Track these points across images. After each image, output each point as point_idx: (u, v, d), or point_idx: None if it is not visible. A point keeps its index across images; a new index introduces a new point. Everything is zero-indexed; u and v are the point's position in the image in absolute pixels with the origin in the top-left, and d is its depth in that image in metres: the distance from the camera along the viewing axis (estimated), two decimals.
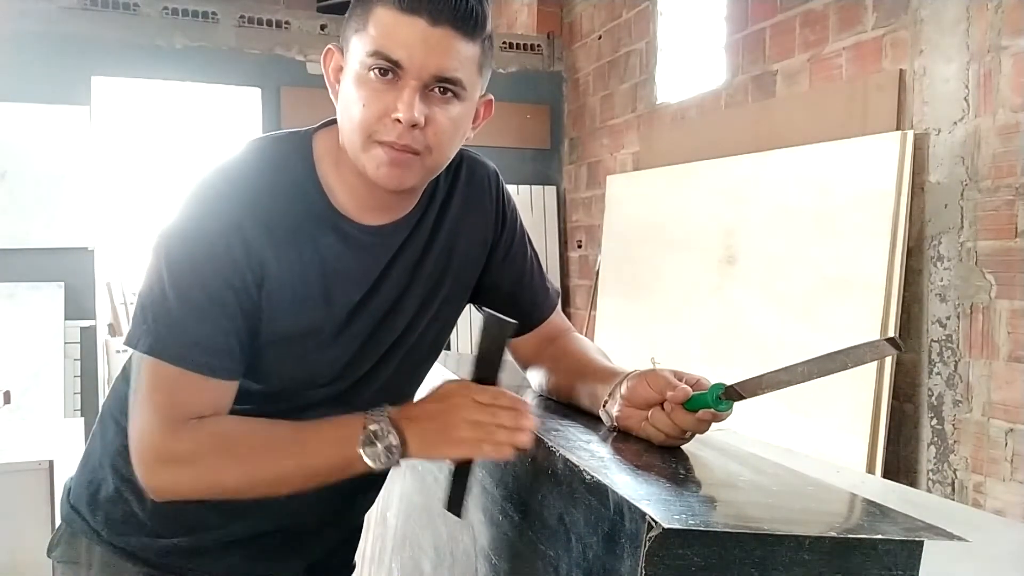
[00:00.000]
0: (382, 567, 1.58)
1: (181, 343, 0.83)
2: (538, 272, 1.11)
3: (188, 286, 0.83)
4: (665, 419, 0.81)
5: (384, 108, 0.82)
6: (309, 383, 0.94)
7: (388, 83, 0.82)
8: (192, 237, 0.84)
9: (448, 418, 0.80)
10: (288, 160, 0.90)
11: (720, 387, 0.79)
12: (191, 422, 0.84)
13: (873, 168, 2.64)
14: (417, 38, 0.80)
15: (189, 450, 0.84)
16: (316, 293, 0.90)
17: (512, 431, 0.79)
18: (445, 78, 0.82)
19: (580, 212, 4.97)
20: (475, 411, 0.80)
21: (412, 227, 0.96)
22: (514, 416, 0.80)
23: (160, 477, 0.85)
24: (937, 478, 2.54)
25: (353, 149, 0.86)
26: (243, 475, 0.85)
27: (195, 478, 0.85)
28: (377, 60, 0.81)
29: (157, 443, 0.84)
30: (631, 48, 4.36)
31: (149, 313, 0.84)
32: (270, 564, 1.04)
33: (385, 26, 0.81)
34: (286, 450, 0.84)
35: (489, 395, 0.81)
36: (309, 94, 4.49)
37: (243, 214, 0.85)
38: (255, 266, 0.85)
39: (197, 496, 0.87)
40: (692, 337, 3.48)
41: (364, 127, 0.83)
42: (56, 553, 1.03)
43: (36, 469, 2.09)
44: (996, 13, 2.35)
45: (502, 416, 0.80)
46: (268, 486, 0.86)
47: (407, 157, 0.84)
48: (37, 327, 3.98)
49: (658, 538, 0.56)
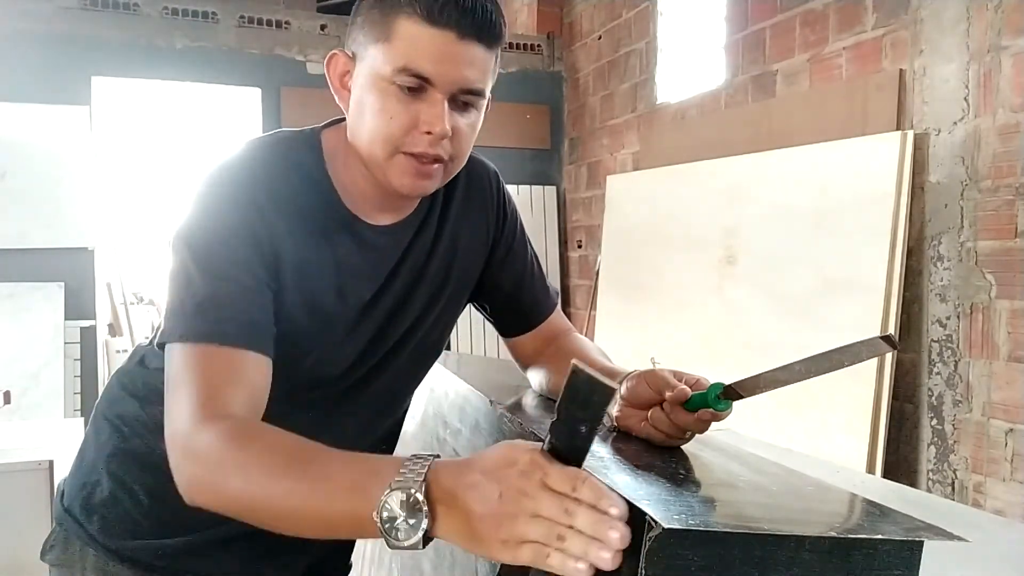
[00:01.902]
0: (382, 567, 1.58)
1: (218, 320, 0.79)
2: (538, 272, 1.11)
3: (216, 268, 0.81)
4: (665, 419, 0.81)
5: (411, 120, 0.82)
6: (314, 380, 0.94)
7: (414, 94, 0.82)
8: (213, 225, 0.83)
9: (506, 506, 0.58)
10: (301, 156, 0.90)
11: (719, 387, 0.79)
12: (221, 417, 0.75)
13: (873, 168, 2.64)
14: (446, 52, 0.80)
15: (207, 444, 0.73)
16: (330, 288, 0.90)
17: (591, 541, 0.55)
18: (470, 90, 0.83)
19: (580, 212, 4.97)
20: (546, 502, 0.57)
21: (417, 227, 0.97)
22: (597, 521, 0.56)
23: (186, 473, 0.75)
24: (937, 478, 2.54)
25: (374, 158, 0.85)
26: (244, 489, 0.71)
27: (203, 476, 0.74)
28: (406, 77, 0.81)
29: (185, 432, 0.75)
30: (631, 48, 4.36)
31: (178, 302, 0.81)
32: (267, 565, 1.03)
33: (412, 39, 0.80)
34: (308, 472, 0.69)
35: (569, 481, 0.57)
36: (309, 94, 4.50)
37: (261, 198, 0.84)
38: (275, 250, 0.85)
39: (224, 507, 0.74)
40: (692, 337, 3.48)
41: (390, 140, 0.83)
42: (50, 556, 1.02)
43: (36, 469, 2.09)
44: (996, 13, 2.35)
45: (581, 517, 0.56)
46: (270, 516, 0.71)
47: (434, 168, 0.85)
48: (37, 327, 3.98)
49: (658, 538, 0.56)
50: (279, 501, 0.69)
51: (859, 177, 2.68)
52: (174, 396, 0.78)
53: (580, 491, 0.56)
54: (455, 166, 0.88)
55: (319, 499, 0.67)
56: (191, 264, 0.82)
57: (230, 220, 0.83)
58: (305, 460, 0.69)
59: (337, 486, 0.66)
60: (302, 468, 0.69)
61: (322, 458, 0.69)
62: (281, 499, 0.68)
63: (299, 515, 0.69)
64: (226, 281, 0.81)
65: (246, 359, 0.80)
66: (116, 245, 4.39)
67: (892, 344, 0.69)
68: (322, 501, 0.67)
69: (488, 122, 0.97)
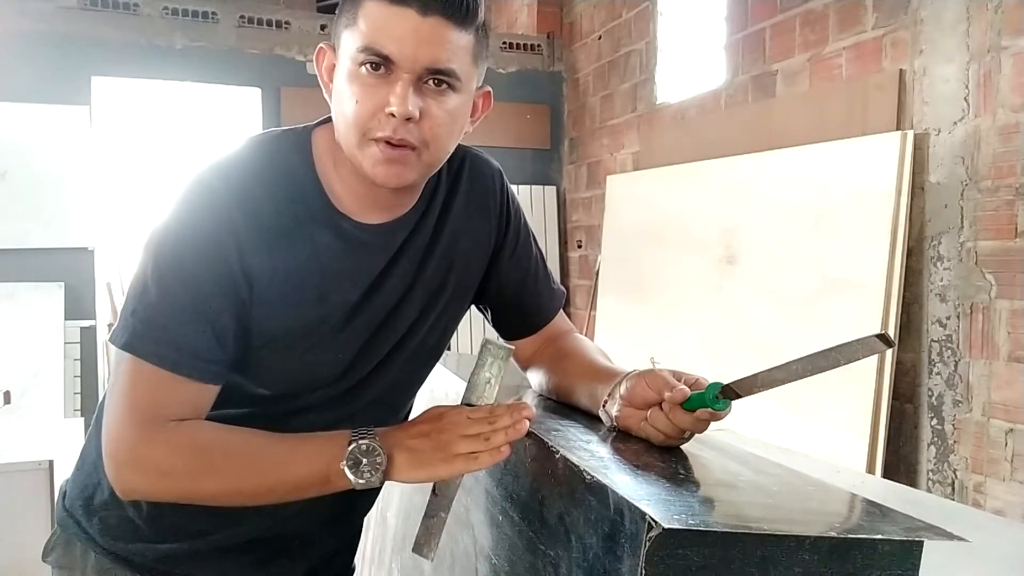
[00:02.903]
0: (382, 567, 1.58)
1: (160, 341, 0.81)
2: (543, 273, 1.09)
3: (173, 285, 0.81)
4: (664, 419, 0.80)
5: (377, 103, 0.80)
6: (309, 385, 0.92)
7: (380, 78, 0.80)
8: (183, 236, 0.83)
9: (442, 436, 0.77)
10: (286, 157, 0.89)
11: (717, 386, 0.79)
12: (169, 426, 0.81)
13: (873, 168, 2.64)
14: (407, 29, 0.78)
15: (164, 458, 0.81)
16: (309, 293, 0.88)
17: (509, 430, 0.76)
18: (438, 69, 0.80)
19: (580, 212, 4.97)
20: (471, 425, 0.77)
21: (413, 226, 0.94)
22: (512, 413, 0.77)
23: (130, 481, 0.83)
24: (937, 478, 2.54)
25: (349, 147, 0.84)
26: (220, 486, 0.82)
27: (169, 487, 0.83)
28: (368, 55, 0.79)
29: (132, 446, 0.81)
30: (631, 48, 4.36)
31: (130, 309, 0.82)
32: (268, 569, 1.02)
33: (375, 20, 0.79)
34: (266, 463, 0.81)
35: (483, 411, 0.78)
36: (309, 94, 4.48)
37: (237, 213, 0.83)
38: (247, 267, 0.83)
39: (169, 501, 0.86)
40: (692, 337, 3.48)
41: (358, 124, 0.81)
42: (51, 558, 1.02)
43: (36, 469, 2.09)
44: (996, 13, 2.35)
45: (500, 421, 0.77)
46: (247, 498, 0.84)
47: (404, 153, 0.82)
48: (37, 327, 3.98)
49: (658, 538, 0.56)
50: (255, 485, 0.81)
51: (859, 177, 2.68)
52: (118, 404, 0.83)
53: (496, 411, 0.78)
54: (432, 155, 0.85)
55: (291, 471, 0.80)
56: (151, 273, 0.82)
57: (200, 237, 0.82)
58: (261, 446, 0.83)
59: (304, 456, 0.80)
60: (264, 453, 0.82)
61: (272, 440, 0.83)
62: (256, 483, 0.81)
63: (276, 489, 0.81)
64: (181, 308, 0.82)
65: (184, 386, 0.82)
66: (116, 245, 4.38)
67: (888, 343, 0.69)
68: (294, 472, 0.80)
69: (488, 122, 0.96)
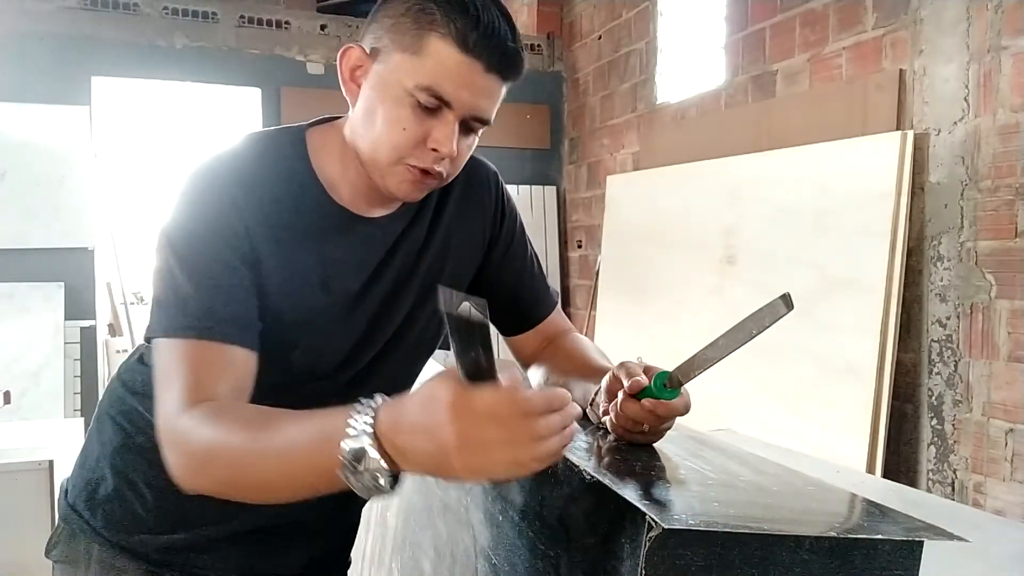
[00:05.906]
0: (382, 567, 1.58)
1: (195, 314, 0.82)
2: (538, 272, 1.13)
3: (198, 261, 0.84)
4: (615, 410, 0.82)
5: (422, 136, 0.85)
6: (309, 374, 0.94)
7: (429, 113, 0.84)
8: (193, 220, 0.85)
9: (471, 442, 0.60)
10: (283, 151, 0.92)
11: (664, 375, 0.80)
12: (204, 403, 0.77)
13: (873, 168, 2.63)
14: (472, 81, 0.83)
15: (186, 429, 0.76)
16: (314, 281, 0.91)
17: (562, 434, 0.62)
18: (480, 118, 0.87)
19: (580, 212, 4.97)
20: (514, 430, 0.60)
21: (410, 219, 0.98)
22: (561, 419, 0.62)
23: (169, 462, 0.77)
24: (937, 478, 2.54)
25: (376, 161, 0.87)
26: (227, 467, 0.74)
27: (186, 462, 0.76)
28: (428, 96, 0.83)
29: (171, 422, 0.77)
30: (631, 48, 4.36)
31: (157, 301, 0.85)
32: (270, 560, 1.04)
33: (443, 62, 0.82)
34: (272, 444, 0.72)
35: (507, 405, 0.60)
36: (309, 94, 4.50)
37: (241, 197, 0.86)
38: (254, 245, 0.86)
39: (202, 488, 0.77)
40: (692, 337, 3.47)
41: (397, 149, 0.85)
42: (55, 553, 1.03)
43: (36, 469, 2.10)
44: (996, 13, 2.35)
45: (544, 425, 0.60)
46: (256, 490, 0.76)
47: (432, 181, 0.88)
48: (37, 327, 3.97)
49: (658, 538, 0.56)
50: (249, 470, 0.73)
51: (859, 177, 2.68)
52: (162, 389, 0.81)
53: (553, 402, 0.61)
54: (447, 179, 0.92)
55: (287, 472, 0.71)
56: (173, 261, 0.84)
57: (210, 218, 0.85)
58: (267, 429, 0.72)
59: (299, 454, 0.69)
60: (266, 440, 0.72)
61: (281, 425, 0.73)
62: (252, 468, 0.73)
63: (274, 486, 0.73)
64: (207, 277, 0.83)
65: (228, 352, 0.82)
66: (116, 245, 4.38)
67: (788, 304, 0.72)
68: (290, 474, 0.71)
69: None
